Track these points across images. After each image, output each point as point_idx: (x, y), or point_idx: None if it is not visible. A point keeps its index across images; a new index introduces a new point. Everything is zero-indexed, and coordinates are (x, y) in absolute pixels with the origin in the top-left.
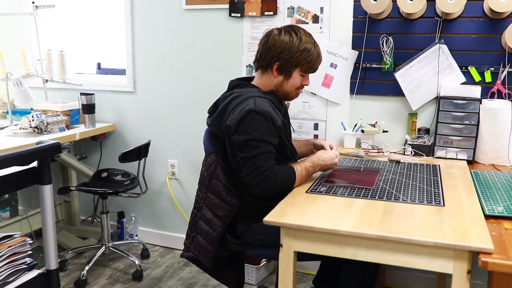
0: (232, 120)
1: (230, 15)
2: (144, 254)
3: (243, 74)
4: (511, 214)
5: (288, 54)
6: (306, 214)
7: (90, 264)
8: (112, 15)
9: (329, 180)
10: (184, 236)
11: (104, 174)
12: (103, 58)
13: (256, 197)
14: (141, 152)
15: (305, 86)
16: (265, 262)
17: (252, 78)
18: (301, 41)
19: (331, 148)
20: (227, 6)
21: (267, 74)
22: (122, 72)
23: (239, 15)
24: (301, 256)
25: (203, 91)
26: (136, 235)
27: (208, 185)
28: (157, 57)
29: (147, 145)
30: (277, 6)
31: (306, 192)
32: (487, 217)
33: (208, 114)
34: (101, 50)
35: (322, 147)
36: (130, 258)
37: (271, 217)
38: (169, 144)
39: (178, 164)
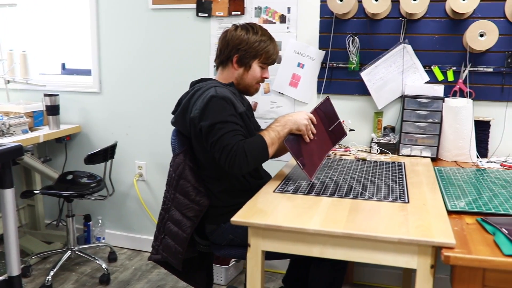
0: (196, 110)
1: (197, 15)
2: (112, 257)
3: (211, 73)
4: (472, 209)
5: (246, 45)
6: (273, 213)
7: (55, 269)
8: (76, 14)
9: (288, 141)
10: (152, 238)
11: (70, 177)
12: (68, 58)
13: (225, 196)
14: (108, 153)
15: (270, 83)
16: (234, 262)
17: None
18: (257, 34)
19: None
20: (194, 6)
21: (228, 68)
22: (87, 72)
23: (206, 15)
24: (270, 255)
25: (171, 91)
26: (103, 238)
27: (176, 186)
28: (124, 57)
29: (113, 147)
30: (245, 6)
31: (274, 191)
32: (450, 212)
33: (172, 115)
34: (65, 50)
35: None
36: (97, 261)
37: (238, 217)
38: (136, 145)
39: (145, 165)
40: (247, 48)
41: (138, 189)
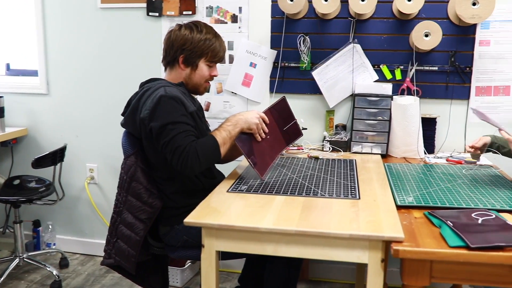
0: (146, 111)
1: (148, 14)
2: (63, 263)
3: (162, 73)
4: (420, 204)
5: (191, 45)
6: (227, 213)
7: (2, 278)
8: (21, 12)
9: (239, 140)
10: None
11: (17, 182)
12: (13, 59)
13: (178, 197)
14: (57, 156)
15: (223, 83)
16: (190, 263)
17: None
18: (202, 32)
19: None
20: (144, 5)
21: (175, 69)
22: (34, 73)
23: (157, 14)
24: (225, 255)
25: (122, 91)
26: (54, 244)
27: (128, 188)
28: (72, 57)
29: (63, 149)
30: (196, 5)
31: (227, 191)
32: (399, 207)
33: (122, 117)
34: (10, 50)
35: None
36: (47, 268)
37: (192, 218)
38: (87, 147)
39: (97, 168)
40: (192, 48)
41: (89, 193)
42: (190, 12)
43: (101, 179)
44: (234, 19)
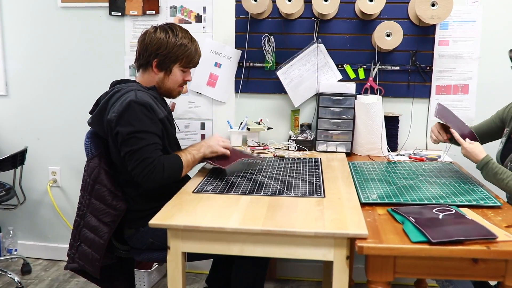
0: (113, 113)
1: (110, 13)
2: (25, 270)
3: (126, 74)
4: (384, 201)
5: (166, 50)
6: (192, 214)
7: None
8: None
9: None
10: None
11: None
12: None
13: (143, 199)
14: (17, 160)
15: (188, 83)
16: (156, 265)
17: (133, 80)
18: (177, 36)
19: None
20: (106, 4)
21: (148, 72)
22: None
23: (120, 14)
24: (192, 256)
25: (85, 92)
26: (15, 250)
27: (91, 191)
28: (32, 58)
29: (23, 152)
30: (159, 5)
31: (193, 192)
32: (363, 205)
33: (90, 115)
34: None
35: None
36: (8, 275)
37: (157, 220)
38: (49, 150)
39: (60, 171)
40: (167, 53)
41: (52, 196)
42: (154, 12)
43: (64, 182)
44: (198, 19)
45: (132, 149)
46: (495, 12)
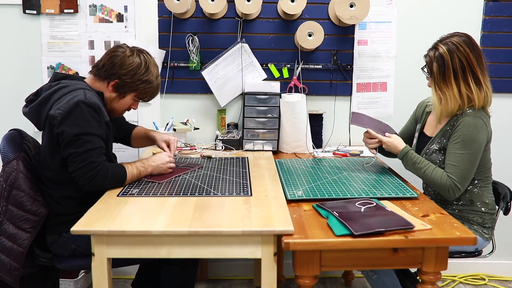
0: (58, 110)
1: (24, 12)
2: None
3: (44, 75)
4: (309, 197)
5: (130, 79)
6: (117, 218)
7: None
8: None
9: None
10: None
11: None
12: None
13: (68, 202)
14: None
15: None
16: (83, 273)
17: (81, 78)
18: (147, 70)
19: (168, 146)
20: (20, 1)
21: (102, 84)
22: None
23: (35, 12)
24: (119, 262)
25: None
26: None
27: (8, 197)
28: None
29: None
30: (78, 3)
31: (118, 195)
32: (289, 201)
33: (25, 103)
34: None
35: (160, 147)
36: None
37: (79, 226)
38: None
39: None
40: (130, 82)
41: None
42: (72, 11)
43: None
44: (120, 18)
45: (77, 151)
46: (408, 13)
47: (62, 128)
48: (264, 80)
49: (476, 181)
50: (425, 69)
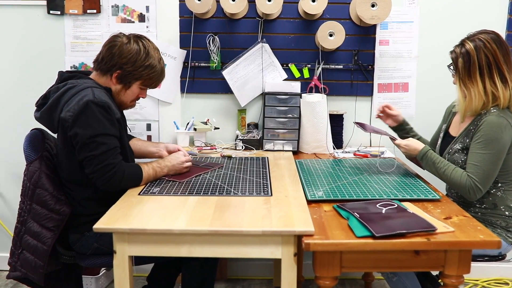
0: (69, 113)
1: (48, 12)
2: None
3: None
4: (329, 197)
5: (132, 67)
6: (138, 217)
7: None
8: None
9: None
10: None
11: None
12: None
13: (90, 204)
14: None
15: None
16: (104, 271)
17: (87, 73)
18: (148, 55)
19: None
20: (44, 2)
21: (106, 78)
22: None
23: (58, 12)
24: (140, 260)
25: (23, 94)
26: None
27: (32, 195)
28: None
29: None
30: (101, 4)
31: (139, 194)
32: (309, 202)
33: (36, 107)
34: None
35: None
36: None
37: (101, 224)
38: None
39: None
40: (132, 70)
41: None
42: (95, 11)
43: (3, 188)
44: (142, 18)
45: (93, 154)
46: (431, 13)
47: (74, 130)
48: (284, 80)
49: (499, 184)
50: (451, 67)
